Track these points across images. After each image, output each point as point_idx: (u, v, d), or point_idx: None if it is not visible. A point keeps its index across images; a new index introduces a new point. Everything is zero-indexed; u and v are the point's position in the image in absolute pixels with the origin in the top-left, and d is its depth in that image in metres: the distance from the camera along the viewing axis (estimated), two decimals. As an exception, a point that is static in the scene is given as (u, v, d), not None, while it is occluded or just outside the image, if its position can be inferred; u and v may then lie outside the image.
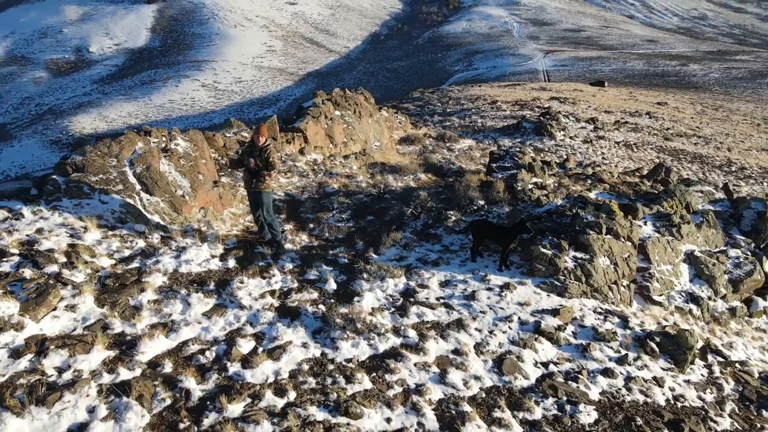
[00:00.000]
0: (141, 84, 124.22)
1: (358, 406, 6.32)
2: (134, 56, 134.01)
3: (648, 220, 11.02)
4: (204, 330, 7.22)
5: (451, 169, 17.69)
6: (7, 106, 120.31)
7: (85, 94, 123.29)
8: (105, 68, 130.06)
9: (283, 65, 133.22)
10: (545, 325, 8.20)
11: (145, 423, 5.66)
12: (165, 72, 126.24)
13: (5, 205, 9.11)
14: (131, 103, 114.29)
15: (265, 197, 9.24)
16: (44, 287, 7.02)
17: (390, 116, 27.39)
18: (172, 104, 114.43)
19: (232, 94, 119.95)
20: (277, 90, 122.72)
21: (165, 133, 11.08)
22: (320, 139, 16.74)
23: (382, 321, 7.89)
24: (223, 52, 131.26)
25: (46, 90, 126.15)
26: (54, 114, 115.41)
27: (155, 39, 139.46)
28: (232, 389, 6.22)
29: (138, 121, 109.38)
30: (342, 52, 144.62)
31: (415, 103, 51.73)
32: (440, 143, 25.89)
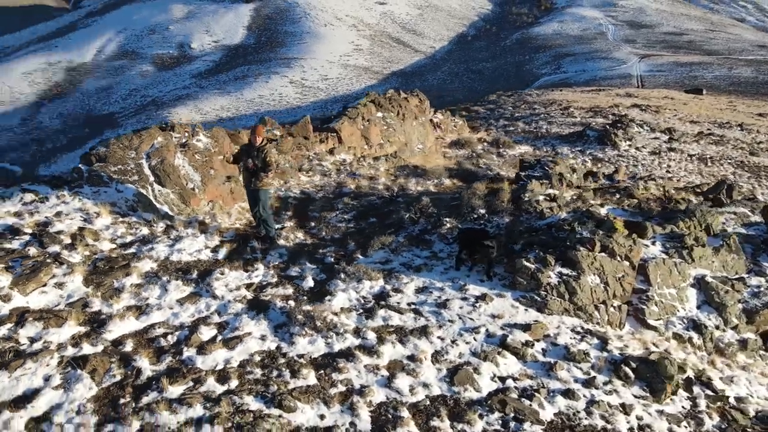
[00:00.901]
0: (234, 79, 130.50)
1: (294, 400, 6.59)
2: (230, 53, 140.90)
3: (658, 240, 10.50)
4: (173, 315, 7.76)
5: (487, 175, 17.51)
6: (117, 97, 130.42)
7: (184, 87, 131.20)
8: (203, 63, 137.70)
9: (368, 64, 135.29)
10: (512, 340, 8.10)
11: (91, 395, 6.23)
12: (257, 68, 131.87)
13: (35, 189, 10.15)
14: (224, 97, 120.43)
15: (262, 195, 9.70)
16: (38, 265, 7.83)
17: (445, 119, 27.36)
18: (261, 99, 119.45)
19: (318, 91, 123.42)
20: (361, 88, 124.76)
21: (188, 129, 11.84)
22: (355, 140, 17.11)
23: (345, 321, 8.12)
24: (312, 50, 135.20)
25: (151, 83, 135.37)
26: (156, 105, 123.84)
27: (250, 36, 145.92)
28: (178, 372, 6.69)
29: (229, 114, 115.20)
30: (427, 52, 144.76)
31: (488, 106, 51.13)
32: (492, 148, 25.57)
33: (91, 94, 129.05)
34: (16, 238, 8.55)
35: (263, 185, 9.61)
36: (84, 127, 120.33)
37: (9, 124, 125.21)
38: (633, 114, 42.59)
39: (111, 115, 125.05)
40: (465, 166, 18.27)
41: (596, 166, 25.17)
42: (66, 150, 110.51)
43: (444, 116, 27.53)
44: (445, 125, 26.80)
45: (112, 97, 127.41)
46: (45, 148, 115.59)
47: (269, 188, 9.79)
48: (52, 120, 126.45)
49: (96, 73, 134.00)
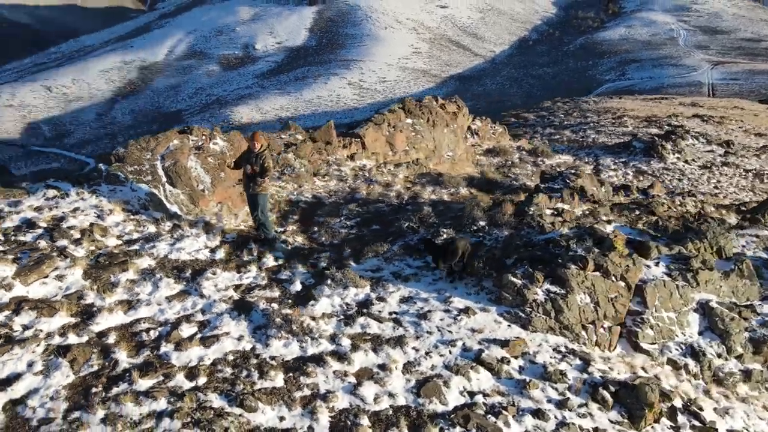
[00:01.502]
0: (295, 80, 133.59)
1: (256, 400, 6.85)
2: (292, 54, 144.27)
3: (662, 261, 10.15)
4: (160, 311, 8.19)
5: (512, 186, 17.32)
6: (184, 95, 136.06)
7: (247, 87, 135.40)
8: (266, 64, 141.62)
9: (427, 67, 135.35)
10: (487, 355, 8.08)
11: (67, 383, 6.70)
12: (317, 69, 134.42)
13: (58, 185, 10.90)
14: (284, 97, 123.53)
15: (260, 199, 10.05)
16: (43, 257, 8.45)
17: (484, 126, 27.16)
18: (320, 100, 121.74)
19: (375, 93, 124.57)
20: (419, 91, 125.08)
21: (206, 133, 12.38)
22: (379, 146, 17.31)
23: (323, 326, 8.32)
24: (372, 53, 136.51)
25: (216, 82, 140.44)
26: (219, 104, 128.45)
27: (312, 38, 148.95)
28: (152, 366, 7.08)
29: (288, 114, 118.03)
30: (487, 56, 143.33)
31: (540, 113, 50.23)
32: (529, 157, 25.20)
33: (161, 92, 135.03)
34: (30, 232, 9.24)
35: (261, 190, 9.95)
36: (153, 123, 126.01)
37: (86, 119, 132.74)
38: (691, 125, 40.76)
39: (178, 112, 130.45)
40: (489, 175, 18.12)
41: (637, 179, 24.38)
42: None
43: (483, 123, 27.32)
44: (484, 132, 26.59)
45: (180, 95, 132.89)
46: (116, 142, 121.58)
47: (267, 192, 10.12)
48: (124, 116, 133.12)
49: (166, 71, 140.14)
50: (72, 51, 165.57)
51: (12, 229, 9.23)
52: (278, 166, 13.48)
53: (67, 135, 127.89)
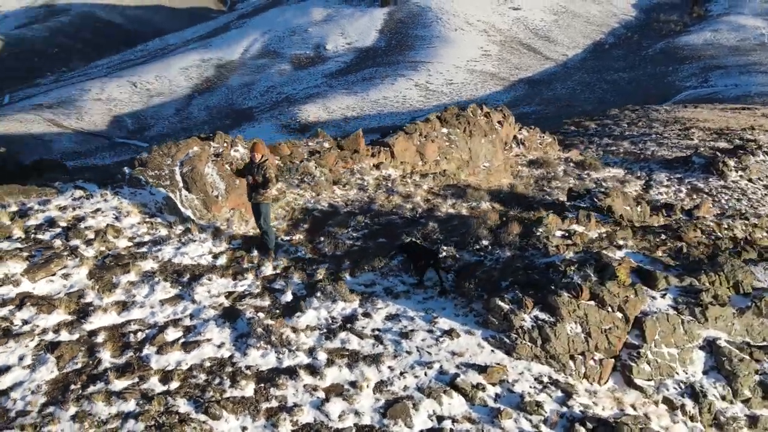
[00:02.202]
0: (362, 80, 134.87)
1: (221, 409, 7.10)
2: (361, 54, 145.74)
3: (670, 293, 9.63)
4: (151, 314, 8.61)
5: (544, 201, 16.90)
6: (256, 93, 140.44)
7: (316, 86, 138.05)
8: (335, 64, 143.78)
9: (495, 70, 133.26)
10: (462, 380, 7.99)
11: (51, 377, 7.19)
12: (384, 70, 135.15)
13: (85, 186, 11.65)
14: (350, 97, 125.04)
15: (263, 208, 10.34)
16: (53, 256, 9.07)
17: (530, 135, 26.56)
18: (385, 100, 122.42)
19: (441, 95, 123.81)
20: (485, 94, 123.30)
21: (228, 140, 12.85)
22: (409, 156, 17.32)
23: (303, 339, 8.48)
24: (440, 54, 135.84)
25: (287, 81, 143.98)
26: (288, 102, 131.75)
27: (381, 39, 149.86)
28: (130, 368, 7.48)
29: (354, 114, 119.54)
30: (559, 60, 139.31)
31: (604, 122, 48.43)
32: (575, 170, 24.45)
33: (235, 89, 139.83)
34: (49, 230, 9.93)
35: (264, 199, 10.23)
36: (225, 119, 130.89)
37: (166, 113, 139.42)
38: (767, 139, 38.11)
39: (249, 110, 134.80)
40: (519, 189, 17.71)
41: (690, 197, 23.12)
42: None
43: (530, 133, 26.71)
44: (530, 142, 26.01)
45: (252, 93, 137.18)
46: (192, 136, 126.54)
47: (269, 202, 10.39)
48: (199, 111, 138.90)
49: (241, 70, 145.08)
50: (157, 49, 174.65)
51: (34, 227, 9.95)
52: (292, 175, 13.78)
53: (147, 128, 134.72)
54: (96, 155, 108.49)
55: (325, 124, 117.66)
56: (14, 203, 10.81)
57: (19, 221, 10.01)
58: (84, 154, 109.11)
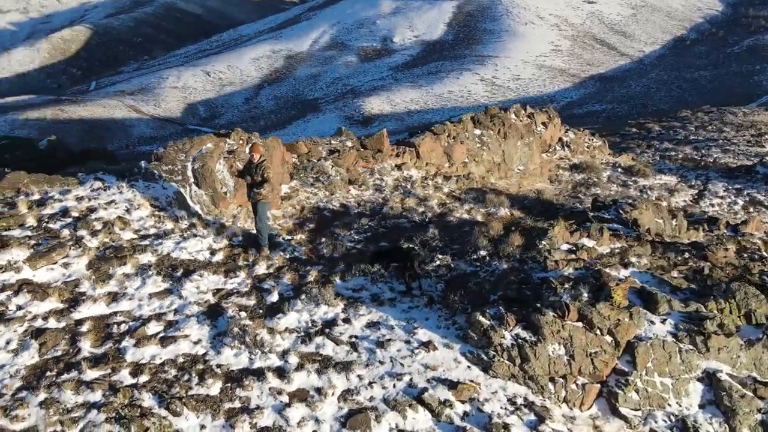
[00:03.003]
0: (427, 74, 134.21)
1: (183, 405, 7.28)
2: (428, 48, 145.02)
3: (671, 319, 9.03)
4: (138, 307, 8.92)
5: (573, 210, 16.25)
6: (322, 84, 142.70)
7: (381, 79, 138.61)
8: (401, 57, 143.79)
9: (565, 66, 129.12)
10: (429, 395, 7.83)
11: (31, 363, 7.59)
12: (450, 64, 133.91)
13: (104, 178, 12.19)
14: (415, 90, 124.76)
15: (260, 207, 10.48)
16: (57, 245, 9.56)
17: (577, 138, 25.58)
18: (450, 95, 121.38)
19: (507, 91, 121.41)
20: (554, 91, 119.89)
21: (244, 138, 13.09)
22: (435, 157, 17.07)
23: (278, 341, 8.55)
24: (508, 49, 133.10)
25: (353, 73, 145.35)
26: (353, 94, 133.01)
27: (449, 33, 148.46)
28: (105, 359, 7.78)
29: (417, 108, 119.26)
30: (634, 56, 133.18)
31: (671, 124, 46.00)
32: (621, 176, 23.36)
33: (302, 80, 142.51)
34: (61, 220, 10.47)
35: (261, 198, 10.35)
36: (292, 110, 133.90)
37: (235, 102, 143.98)
38: None
39: (315, 100, 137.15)
40: (545, 195, 17.06)
41: (746, 211, 21.57)
42: (274, 128, 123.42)
43: (577, 135, 25.71)
44: (576, 145, 25.05)
45: (318, 84, 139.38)
46: (258, 125, 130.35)
47: (267, 201, 10.50)
48: (267, 101, 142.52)
49: (308, 61, 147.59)
50: (231, 39, 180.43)
51: (47, 216, 10.51)
52: (307, 174, 13.87)
53: (218, 116, 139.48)
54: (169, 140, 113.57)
55: (388, 116, 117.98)
56: (37, 192, 11.45)
57: (36, 210, 10.61)
58: (159, 139, 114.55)
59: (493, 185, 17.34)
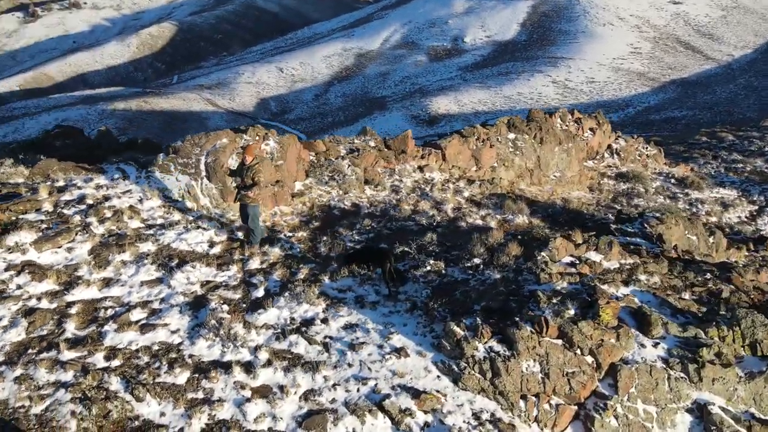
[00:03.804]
0: (497, 75, 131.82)
1: (146, 392, 7.52)
2: (499, 48, 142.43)
3: (665, 343, 8.43)
4: (128, 293, 9.28)
5: (604, 221, 15.54)
6: (390, 82, 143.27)
7: (449, 79, 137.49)
8: (471, 57, 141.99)
9: (644, 69, 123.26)
10: (391, 402, 7.71)
11: (18, 339, 8.05)
12: (521, 65, 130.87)
13: (125, 168, 12.76)
14: (483, 91, 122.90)
15: (250, 209, 10.59)
16: (64, 230, 10.10)
17: (628, 146, 24.39)
18: (519, 96, 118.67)
19: (580, 94, 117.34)
20: (630, 95, 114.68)
21: (261, 133, 13.34)
22: (462, 160, 16.75)
23: (253, 336, 8.67)
24: (583, 51, 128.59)
25: (422, 72, 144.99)
26: (420, 93, 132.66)
27: (522, 33, 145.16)
28: (84, 341, 8.15)
29: (485, 109, 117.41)
30: (722, 60, 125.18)
31: (747, 133, 43.06)
32: (673, 188, 22.10)
33: (371, 79, 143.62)
34: (75, 206, 11.04)
35: (251, 201, 10.45)
36: (359, 107, 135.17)
37: (305, 98, 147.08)
38: None
39: (382, 99, 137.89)
40: (574, 204, 16.30)
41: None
42: (341, 125, 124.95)
43: (628, 143, 24.50)
44: (627, 153, 23.89)
45: (387, 83, 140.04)
46: (326, 122, 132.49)
47: (257, 204, 10.59)
48: (336, 98, 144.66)
49: (378, 60, 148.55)
50: (305, 37, 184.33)
51: (64, 202, 11.12)
52: (322, 172, 13.94)
53: (288, 111, 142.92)
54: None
55: (455, 117, 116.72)
56: (63, 179, 12.14)
57: (56, 196, 11.25)
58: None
59: (522, 191, 16.81)
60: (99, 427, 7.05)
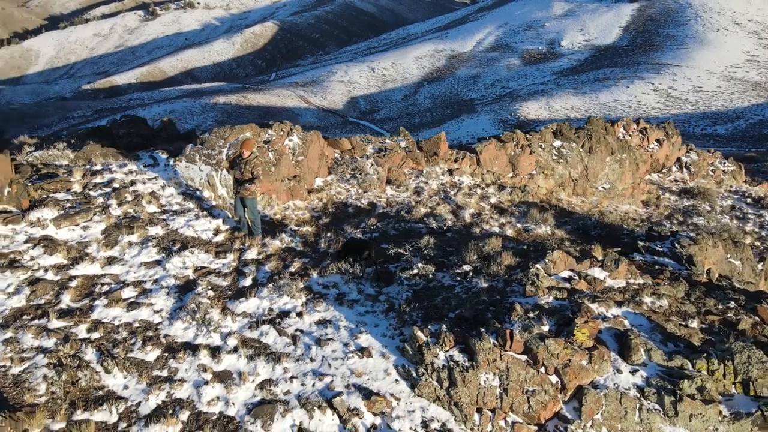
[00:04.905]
0: (594, 80, 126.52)
1: (115, 365, 8.00)
2: (598, 53, 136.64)
3: (645, 371, 7.79)
4: (125, 272, 9.88)
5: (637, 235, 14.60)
6: (480, 85, 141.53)
7: (542, 84, 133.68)
8: (567, 62, 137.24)
9: (761, 79, 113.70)
10: (340, 401, 7.70)
11: (18, 306, 8.80)
12: (621, 71, 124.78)
13: (156, 156, 13.57)
14: (577, 97, 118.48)
15: (248, 202, 10.89)
16: (83, 210, 10.91)
17: (700, 161, 22.66)
18: (616, 104, 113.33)
19: (684, 104, 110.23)
20: (742, 106, 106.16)
21: (286, 129, 13.71)
22: (499, 165, 16.30)
23: (227, 323, 8.96)
24: (691, 57, 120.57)
25: (514, 76, 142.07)
26: (511, 97, 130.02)
27: (624, 38, 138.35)
28: (73, 313, 8.78)
29: (578, 115, 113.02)
30: None
31: None
32: (745, 207, 20.29)
33: (461, 81, 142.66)
34: (102, 189, 11.91)
35: (249, 194, 10.75)
36: (447, 109, 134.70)
37: (394, 98, 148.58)
38: None
39: (471, 101, 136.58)
40: (609, 219, 15.27)
41: None
42: (428, 126, 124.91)
43: (700, 157, 22.74)
44: (698, 168, 22.20)
45: (477, 85, 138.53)
46: (413, 122, 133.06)
47: (255, 197, 10.87)
48: (425, 99, 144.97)
49: (470, 62, 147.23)
50: (398, 38, 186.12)
51: (93, 184, 12.02)
52: (344, 169, 14.06)
53: (376, 111, 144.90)
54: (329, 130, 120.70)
55: (545, 122, 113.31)
56: (101, 163, 13.11)
57: (87, 178, 12.18)
58: (321, 128, 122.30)
59: (559, 201, 16.10)
60: (66, 392, 7.55)
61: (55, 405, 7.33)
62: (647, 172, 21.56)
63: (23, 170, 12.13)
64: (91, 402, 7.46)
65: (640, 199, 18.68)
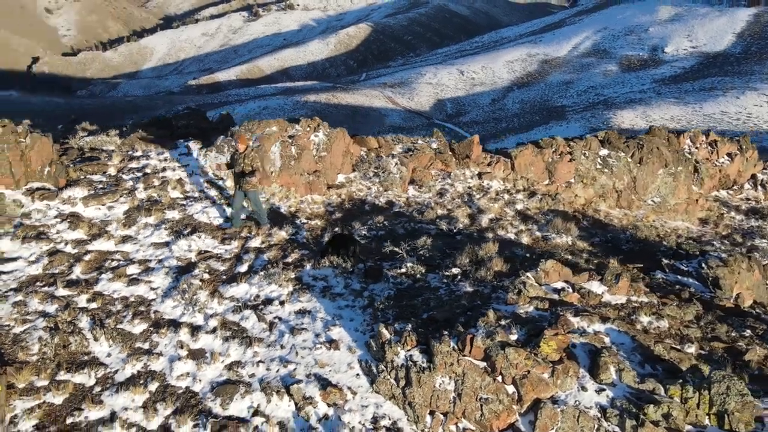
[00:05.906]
0: (699, 90, 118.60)
1: (103, 335, 8.63)
2: (706, 60, 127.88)
3: (615, 392, 7.33)
4: (135, 250, 10.59)
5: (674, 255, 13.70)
6: (573, 92, 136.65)
7: (641, 92, 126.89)
8: (670, 69, 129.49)
9: None
10: (298, 388, 7.88)
11: (35, 273, 9.70)
12: (730, 81, 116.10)
13: (190, 145, 14.36)
14: (679, 107, 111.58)
15: (251, 195, 11.24)
16: (109, 191, 11.80)
17: None
18: (723, 116, 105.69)
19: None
20: None
21: (313, 125, 14.09)
22: (535, 171, 15.81)
23: (213, 305, 9.39)
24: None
25: (610, 83, 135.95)
26: (605, 105, 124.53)
27: (738, 45, 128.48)
28: (78, 284, 9.54)
29: (678, 127, 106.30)
30: None
31: None
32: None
33: (553, 86, 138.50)
34: (134, 173, 12.81)
35: (251, 187, 11.09)
36: (536, 115, 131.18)
37: (482, 102, 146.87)
38: None
39: (562, 108, 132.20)
40: (647, 234, 14.27)
41: None
42: (515, 132, 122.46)
43: None
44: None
45: (569, 92, 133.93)
46: (500, 127, 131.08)
47: (256, 189, 11.21)
48: (513, 104, 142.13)
49: (564, 67, 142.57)
50: (491, 41, 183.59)
51: (127, 169, 12.95)
52: (368, 167, 14.18)
53: (463, 114, 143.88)
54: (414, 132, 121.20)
55: (640, 133, 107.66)
56: (142, 150, 14.09)
57: (124, 163, 13.14)
58: (406, 129, 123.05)
59: (597, 212, 15.37)
60: (55, 354, 8.25)
61: (44, 364, 8.02)
62: (714, 188, 20.09)
63: (70, 153, 13.29)
64: (75, 365, 8.09)
65: (697, 216, 17.42)
